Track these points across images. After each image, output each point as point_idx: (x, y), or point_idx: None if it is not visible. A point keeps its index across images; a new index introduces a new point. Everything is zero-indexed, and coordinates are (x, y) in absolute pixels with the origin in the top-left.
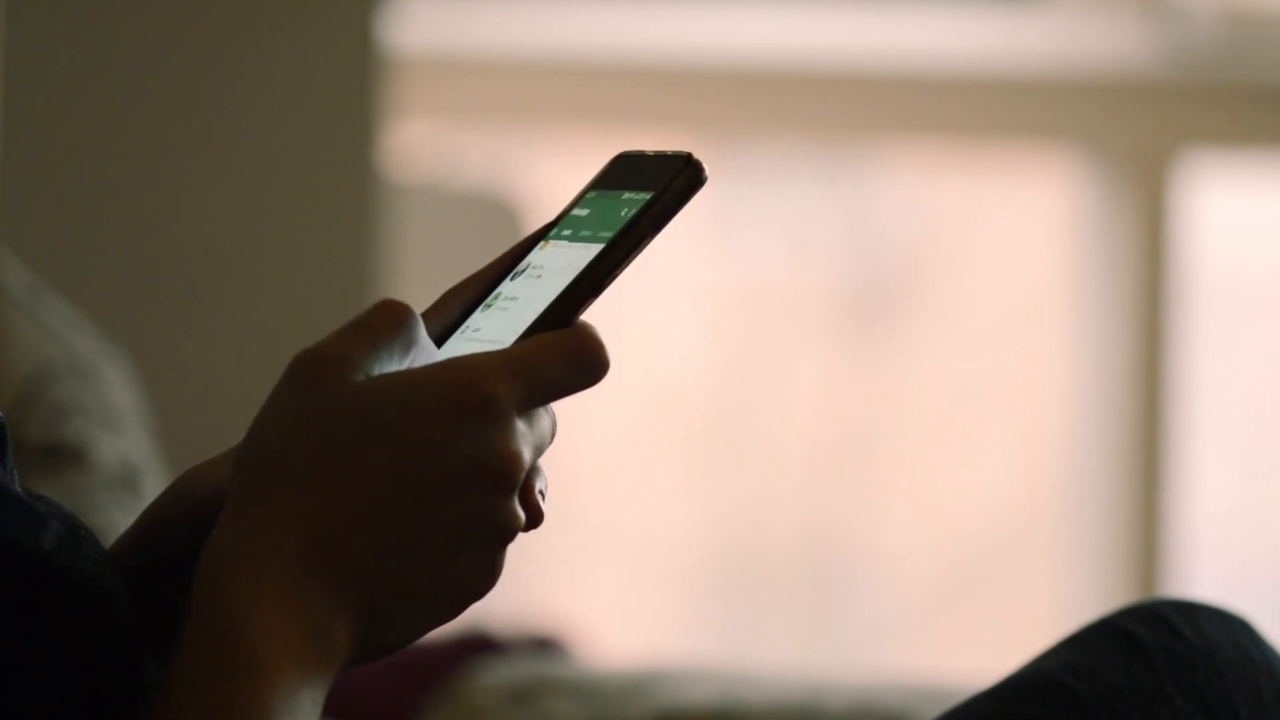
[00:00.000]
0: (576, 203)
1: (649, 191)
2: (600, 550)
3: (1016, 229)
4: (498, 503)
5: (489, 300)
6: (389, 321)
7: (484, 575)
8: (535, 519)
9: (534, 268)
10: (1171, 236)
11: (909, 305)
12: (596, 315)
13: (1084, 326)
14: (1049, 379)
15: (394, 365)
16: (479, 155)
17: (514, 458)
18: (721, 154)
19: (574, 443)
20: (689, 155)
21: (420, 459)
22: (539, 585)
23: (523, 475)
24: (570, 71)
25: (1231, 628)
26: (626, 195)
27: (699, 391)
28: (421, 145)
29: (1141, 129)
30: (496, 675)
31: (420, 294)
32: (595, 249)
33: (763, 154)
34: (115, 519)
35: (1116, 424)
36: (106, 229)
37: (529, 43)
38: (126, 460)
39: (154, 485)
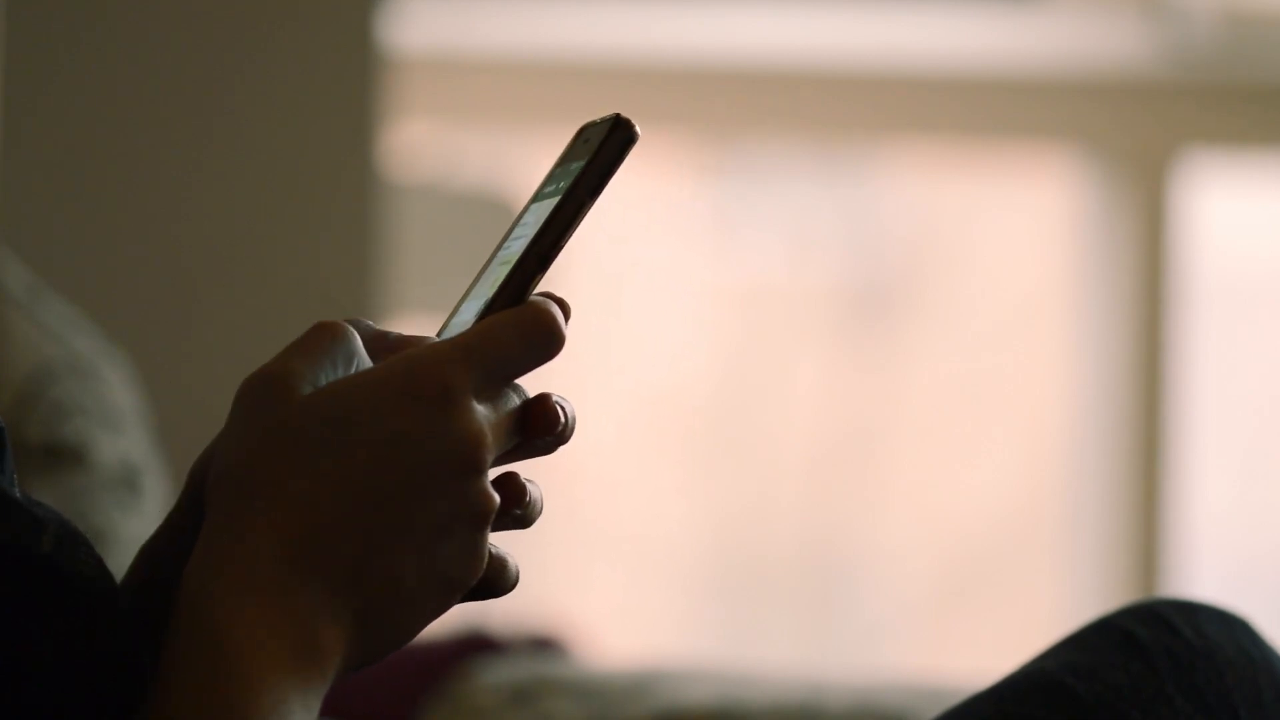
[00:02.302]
0: (547, 180)
1: (584, 159)
2: (600, 550)
3: (1016, 229)
4: (468, 486)
5: (475, 283)
6: (326, 337)
7: (469, 562)
8: (520, 502)
9: (504, 248)
10: (1171, 236)
11: (909, 305)
12: (595, 315)
13: (1084, 326)
14: (1049, 379)
15: (337, 376)
16: (479, 155)
17: (476, 439)
18: (721, 154)
19: (574, 443)
20: (617, 116)
21: (385, 455)
22: (539, 585)
23: (489, 456)
24: (570, 71)
25: (1231, 628)
26: (574, 165)
27: (699, 391)
28: (421, 145)
29: (1141, 129)
30: (496, 675)
31: (420, 294)
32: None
33: (763, 154)
34: (115, 519)
35: (1116, 424)
36: (106, 229)
37: (529, 43)
38: (126, 460)
39: (154, 485)
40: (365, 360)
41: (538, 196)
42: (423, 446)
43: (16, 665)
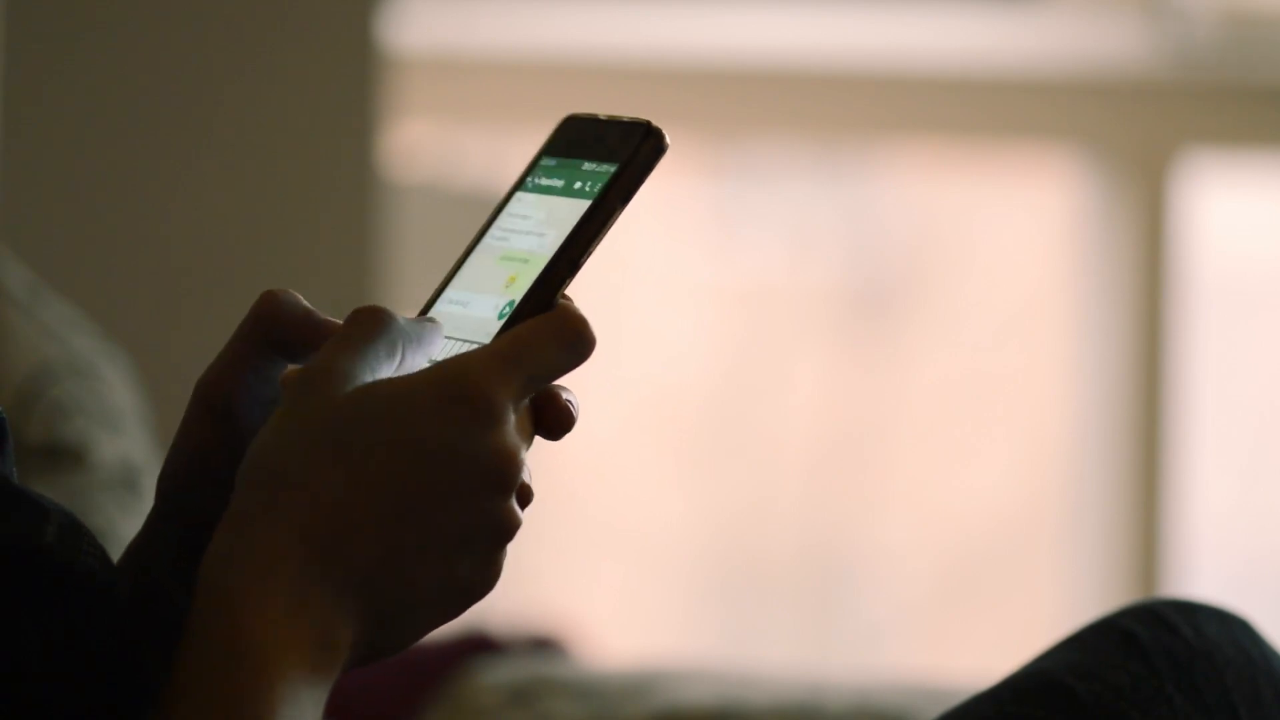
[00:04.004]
0: (533, 169)
1: (611, 163)
2: (600, 550)
3: (1017, 229)
4: (498, 503)
5: (464, 266)
6: (367, 325)
7: (485, 576)
8: (526, 503)
9: (498, 238)
10: (1171, 236)
11: (909, 305)
12: (595, 315)
13: (1084, 326)
14: (1049, 379)
15: (383, 366)
16: (479, 155)
17: (512, 457)
18: (721, 154)
19: (574, 442)
20: (648, 124)
21: (421, 463)
22: (539, 585)
23: (520, 474)
24: (570, 71)
25: (1231, 627)
26: (587, 166)
27: (699, 391)
28: (421, 145)
29: (1141, 129)
30: (496, 675)
31: (420, 294)
32: (567, 227)
33: (763, 154)
34: (115, 519)
35: (1117, 424)
36: (106, 229)
37: (529, 43)
38: (126, 460)
39: (154, 485)
40: (411, 337)
41: (528, 187)
42: (460, 460)
43: (17, 655)
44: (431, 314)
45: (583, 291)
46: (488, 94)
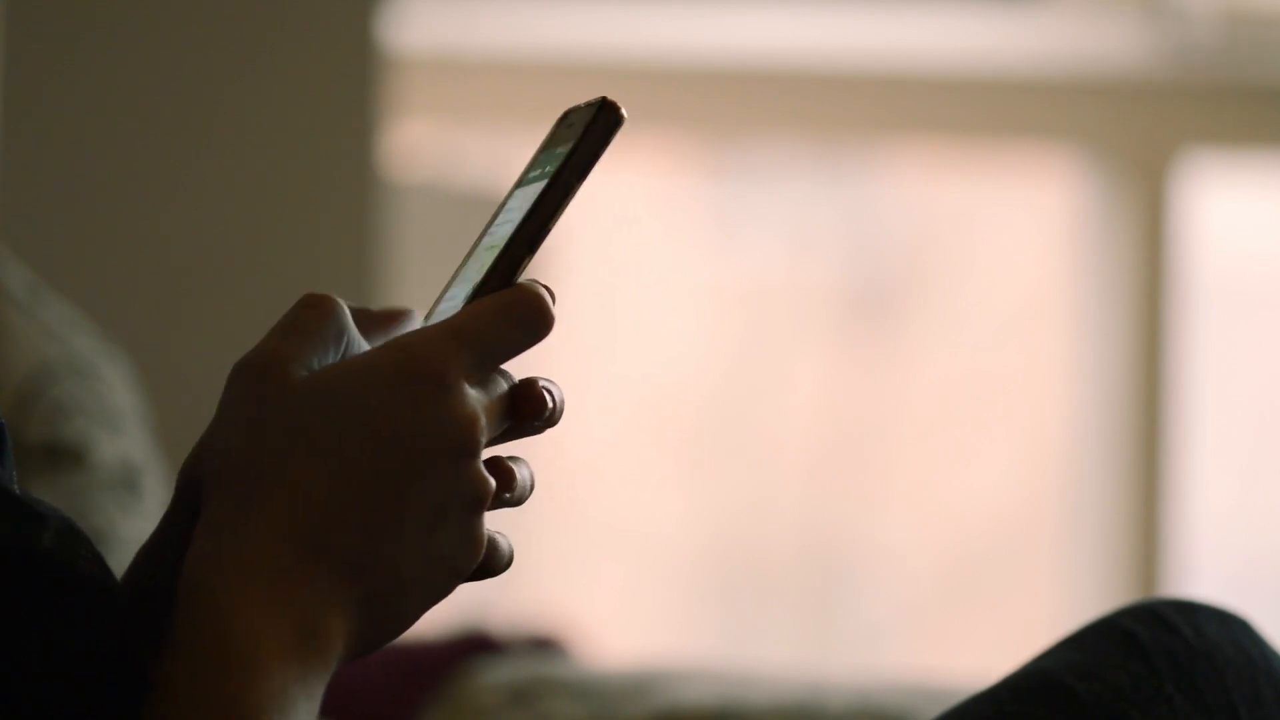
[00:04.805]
0: (530, 165)
1: (571, 143)
2: (600, 550)
3: (1017, 229)
4: (463, 470)
5: (465, 264)
6: (315, 314)
7: (467, 546)
8: (509, 485)
9: (489, 233)
10: (1171, 236)
11: (909, 305)
12: (595, 315)
13: (1084, 326)
14: (1049, 379)
15: (329, 355)
16: (479, 155)
17: (469, 423)
18: (721, 154)
19: (575, 442)
20: (603, 99)
21: (382, 442)
22: (539, 585)
23: (483, 438)
24: (570, 71)
25: (1231, 627)
26: (559, 150)
27: (699, 391)
28: (421, 145)
29: (1141, 129)
30: (496, 675)
31: (420, 294)
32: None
33: (763, 154)
34: (115, 519)
35: (1117, 424)
36: (106, 229)
37: (529, 43)
38: (126, 460)
39: (154, 485)
40: (355, 334)
41: (522, 181)
42: (418, 432)
43: (16, 660)
44: (434, 313)
45: (584, 291)
46: (488, 94)
